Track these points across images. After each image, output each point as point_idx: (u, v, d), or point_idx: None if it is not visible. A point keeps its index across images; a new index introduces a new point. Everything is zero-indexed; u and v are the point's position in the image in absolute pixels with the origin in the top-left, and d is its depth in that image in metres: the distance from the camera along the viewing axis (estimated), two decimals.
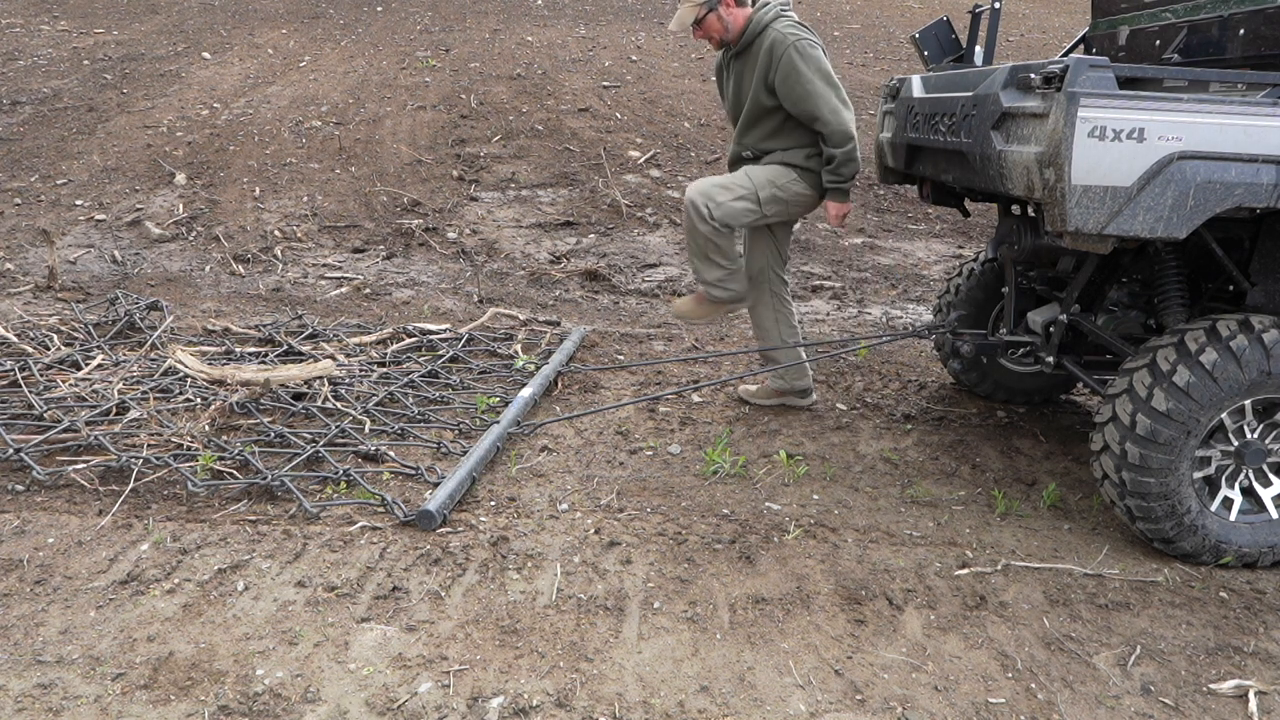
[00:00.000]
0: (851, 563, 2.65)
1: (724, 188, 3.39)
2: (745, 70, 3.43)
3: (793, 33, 3.29)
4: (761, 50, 3.32)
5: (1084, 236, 2.39)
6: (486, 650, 2.20)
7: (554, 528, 2.80)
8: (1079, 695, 2.13)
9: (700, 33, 3.39)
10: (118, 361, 4.04)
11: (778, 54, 3.27)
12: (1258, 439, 2.67)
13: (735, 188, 3.39)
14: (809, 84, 3.26)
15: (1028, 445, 3.56)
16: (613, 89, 9.09)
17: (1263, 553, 2.67)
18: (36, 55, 9.74)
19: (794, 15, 3.40)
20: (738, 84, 3.49)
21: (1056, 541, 2.82)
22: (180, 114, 8.26)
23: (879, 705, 2.07)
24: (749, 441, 3.52)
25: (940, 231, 7.12)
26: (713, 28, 3.37)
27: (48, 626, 2.25)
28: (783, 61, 3.26)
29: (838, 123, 3.29)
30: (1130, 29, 3.43)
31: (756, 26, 3.35)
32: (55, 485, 2.98)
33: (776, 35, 3.29)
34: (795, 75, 3.26)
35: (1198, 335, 2.56)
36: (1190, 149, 2.31)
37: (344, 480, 3.03)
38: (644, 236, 6.62)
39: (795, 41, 3.26)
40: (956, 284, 3.92)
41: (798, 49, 3.25)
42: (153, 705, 1.99)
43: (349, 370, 4.02)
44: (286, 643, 2.21)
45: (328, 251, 6.33)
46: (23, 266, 5.75)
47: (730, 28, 3.37)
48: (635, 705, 2.03)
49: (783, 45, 3.27)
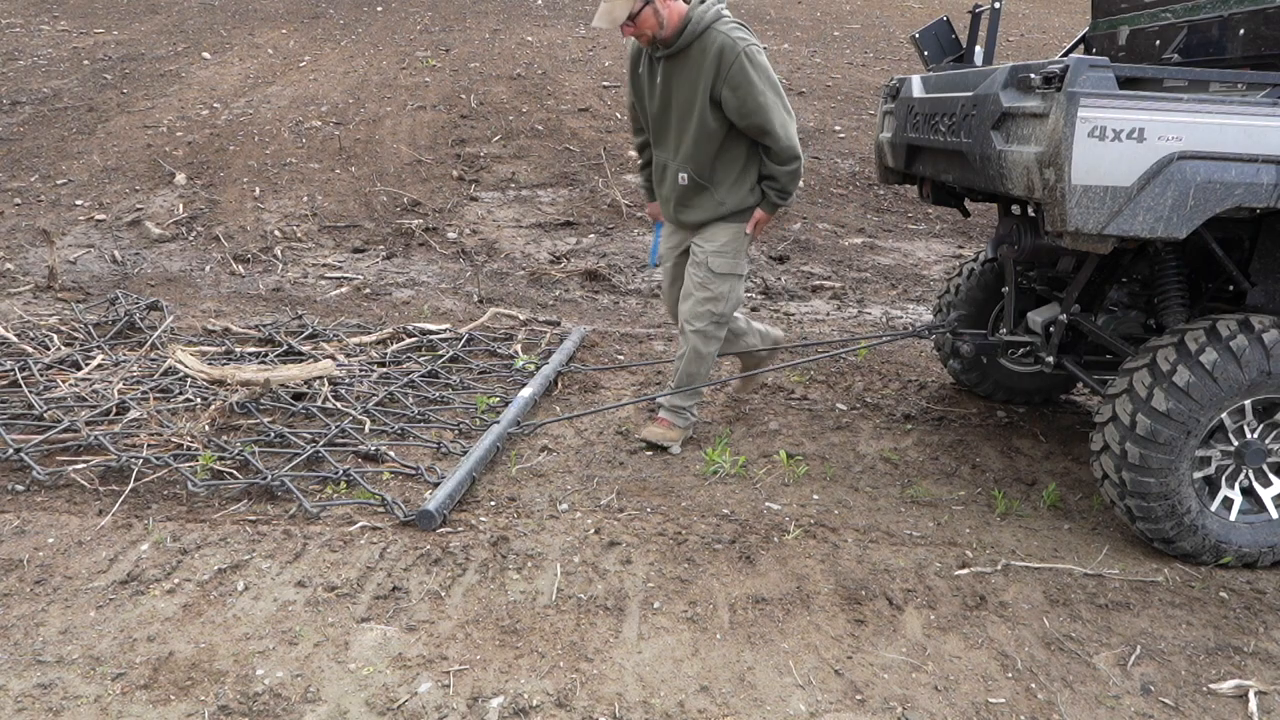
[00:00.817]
0: (851, 563, 2.65)
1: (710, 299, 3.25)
2: (683, 76, 3.10)
3: (741, 38, 3.03)
4: (707, 56, 3.02)
5: (1084, 236, 2.39)
6: (486, 650, 2.20)
7: (554, 528, 2.80)
8: (1079, 695, 2.13)
9: (632, 29, 3.04)
10: (118, 361, 4.04)
11: (727, 61, 2.99)
12: (1258, 439, 2.67)
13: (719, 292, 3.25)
14: (760, 95, 3.02)
15: (1028, 445, 3.56)
16: (613, 89, 9.09)
17: (1263, 553, 2.67)
18: (36, 55, 9.74)
19: (731, 15, 3.13)
20: (669, 90, 3.17)
21: (1056, 541, 2.82)
22: (180, 114, 8.26)
23: (879, 705, 2.07)
24: (749, 441, 3.52)
25: (940, 231, 7.12)
26: (647, 24, 3.01)
27: (48, 626, 2.25)
28: (733, 70, 2.99)
29: (787, 138, 3.09)
30: (1130, 29, 3.43)
31: (696, 26, 3.03)
32: (55, 485, 2.98)
33: (724, 40, 3.00)
34: (747, 86, 3.00)
35: (1198, 335, 2.56)
36: (1190, 149, 2.31)
37: (344, 480, 3.03)
38: (644, 236, 6.62)
39: (745, 48, 3.00)
40: (956, 284, 3.92)
41: (749, 56, 3.00)
42: (153, 705, 1.99)
43: (349, 370, 4.02)
44: (286, 643, 2.21)
45: (328, 251, 6.33)
46: (23, 266, 5.75)
47: (665, 24, 3.03)
48: (635, 705, 2.03)
49: (733, 52, 2.99)
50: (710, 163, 3.19)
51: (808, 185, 7.66)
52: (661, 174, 3.36)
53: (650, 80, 3.24)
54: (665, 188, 3.35)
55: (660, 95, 3.21)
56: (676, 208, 3.32)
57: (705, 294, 3.27)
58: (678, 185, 3.27)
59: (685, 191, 3.26)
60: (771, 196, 3.25)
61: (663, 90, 3.19)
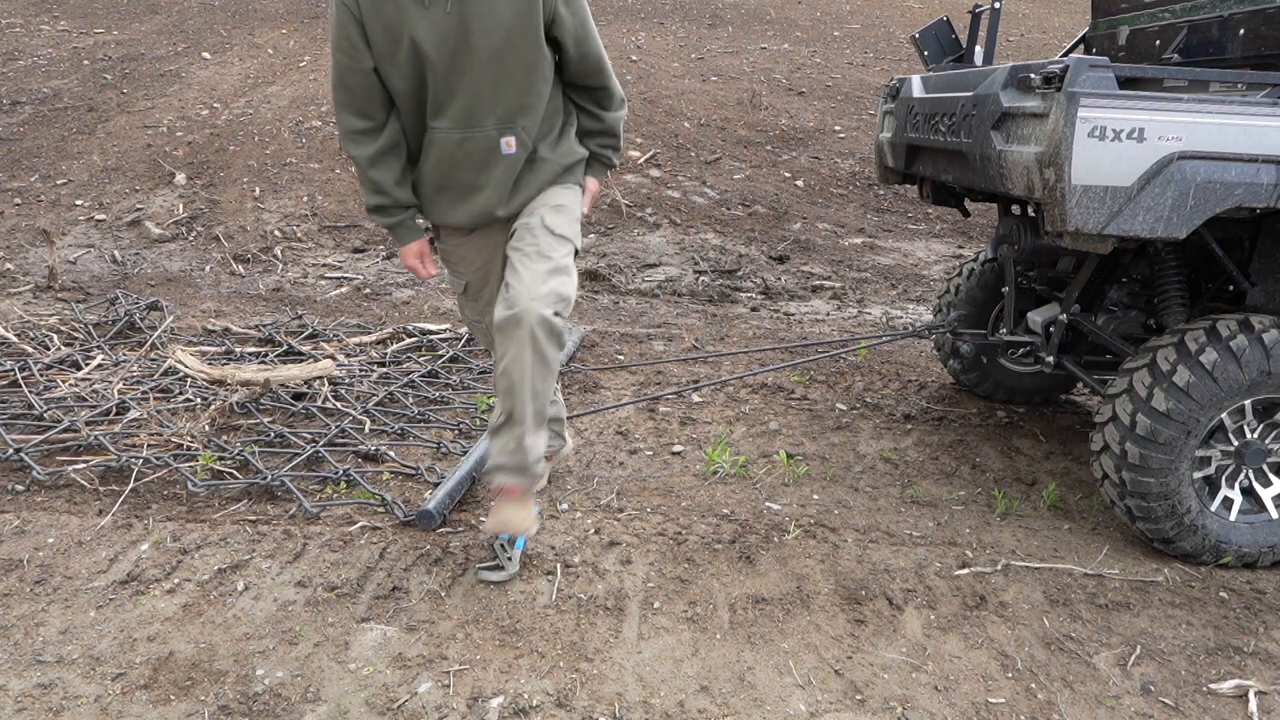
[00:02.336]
0: (851, 563, 2.65)
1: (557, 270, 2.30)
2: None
3: None
4: None
5: (1084, 236, 2.39)
6: (486, 650, 2.20)
7: (554, 528, 2.80)
8: (1079, 695, 2.13)
9: None
10: (118, 361, 4.04)
11: None
12: (1258, 439, 2.67)
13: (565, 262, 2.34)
14: (590, 17, 2.33)
15: (1028, 445, 3.56)
16: None
17: (1263, 553, 2.67)
18: (36, 55, 9.74)
19: None
20: (468, 20, 2.15)
21: (1056, 541, 2.82)
22: (180, 114, 8.26)
23: (879, 705, 2.07)
24: (749, 441, 3.52)
25: (940, 231, 7.12)
26: None
27: (48, 626, 2.25)
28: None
29: (614, 76, 2.46)
30: (1130, 29, 3.43)
31: None
32: (55, 485, 2.98)
33: None
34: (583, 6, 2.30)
35: (1198, 335, 2.56)
36: (1190, 149, 2.31)
37: (344, 480, 3.03)
38: (644, 236, 6.62)
39: None
40: (956, 284, 3.92)
41: None
42: (153, 705, 1.99)
43: (349, 370, 4.03)
44: (287, 642, 2.21)
45: (328, 251, 6.33)
46: (23, 266, 5.75)
47: None
48: (635, 705, 2.03)
49: None
50: (540, 114, 2.33)
51: (808, 185, 7.66)
52: (455, 153, 2.30)
53: (419, 10, 2.14)
54: (467, 172, 2.32)
55: (454, 32, 2.17)
56: (500, 194, 2.35)
57: (548, 264, 2.28)
58: (500, 159, 2.30)
59: (512, 165, 2.33)
60: (607, 156, 2.55)
61: (458, 24, 2.16)
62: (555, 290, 2.25)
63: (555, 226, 2.35)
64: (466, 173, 2.32)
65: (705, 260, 6.32)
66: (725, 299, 5.72)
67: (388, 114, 2.30)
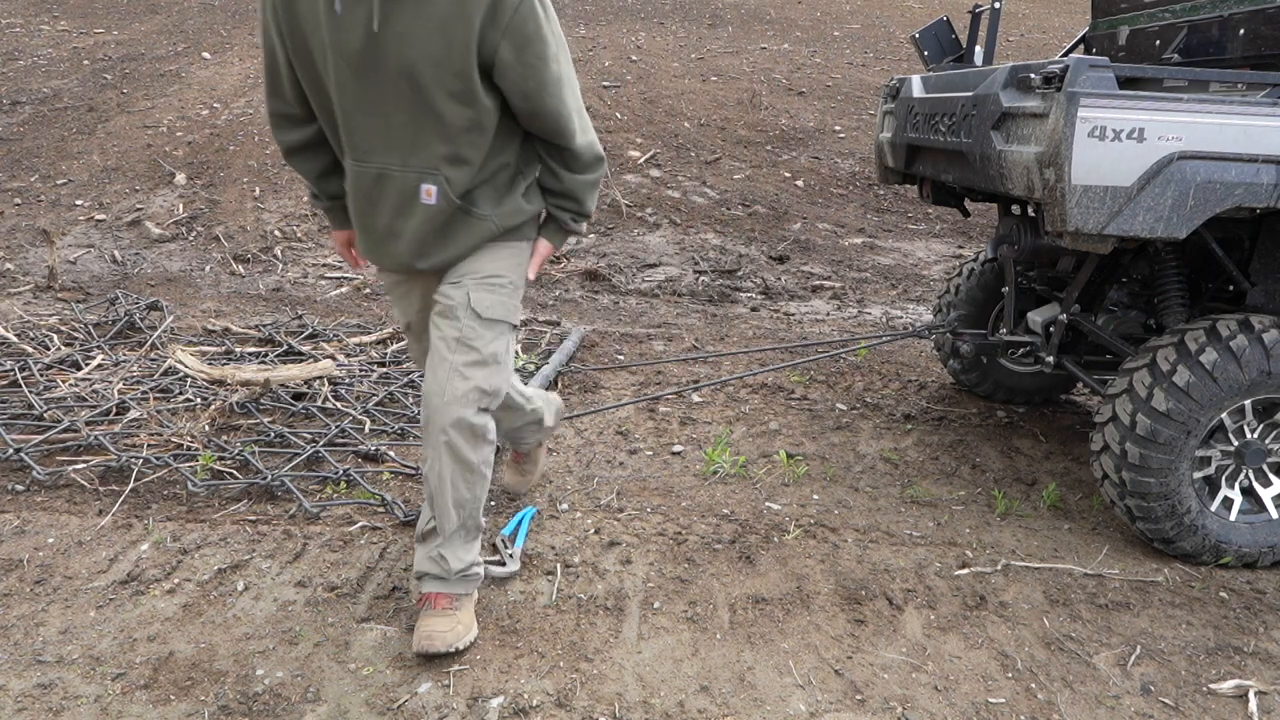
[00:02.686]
0: (851, 563, 2.65)
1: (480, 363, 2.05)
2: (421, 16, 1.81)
3: None
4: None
5: (1084, 236, 2.39)
6: (486, 650, 2.20)
7: (554, 528, 2.80)
8: (1079, 695, 2.13)
9: None
10: (118, 361, 4.04)
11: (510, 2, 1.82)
12: (1258, 439, 2.67)
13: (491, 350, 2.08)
14: (554, 62, 1.93)
15: (1028, 445, 3.56)
16: (613, 89, 9.09)
17: (1263, 553, 2.67)
18: (36, 55, 9.74)
19: None
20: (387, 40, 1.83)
21: (1056, 541, 2.82)
22: (180, 114, 8.26)
23: (879, 705, 2.07)
24: (749, 441, 3.52)
25: (940, 231, 7.12)
26: None
27: (48, 626, 2.25)
28: (518, 14, 1.83)
29: (585, 132, 2.07)
30: (1130, 29, 3.43)
31: None
32: (55, 485, 2.98)
33: None
34: (539, 43, 1.89)
35: (1198, 335, 2.57)
36: (1190, 149, 2.31)
37: (344, 480, 3.03)
38: (644, 236, 6.62)
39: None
40: (956, 284, 3.92)
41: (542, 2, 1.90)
42: (153, 705, 1.99)
43: (349, 370, 4.03)
44: (287, 642, 2.21)
45: (328, 251, 6.33)
46: (23, 266, 5.76)
47: None
48: (635, 705, 2.03)
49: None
50: (476, 168, 2.00)
51: (808, 185, 7.66)
52: (372, 190, 2.01)
53: (332, 19, 1.83)
54: (384, 214, 2.03)
55: (365, 49, 1.84)
56: (416, 246, 2.05)
57: (468, 355, 2.04)
58: (417, 208, 2.00)
59: (433, 217, 2.01)
60: (565, 220, 2.18)
61: (371, 40, 1.83)
62: (476, 387, 2.02)
63: (483, 309, 2.07)
64: (382, 215, 2.03)
65: (705, 260, 6.32)
66: (725, 299, 5.72)
67: (310, 110, 2.06)
